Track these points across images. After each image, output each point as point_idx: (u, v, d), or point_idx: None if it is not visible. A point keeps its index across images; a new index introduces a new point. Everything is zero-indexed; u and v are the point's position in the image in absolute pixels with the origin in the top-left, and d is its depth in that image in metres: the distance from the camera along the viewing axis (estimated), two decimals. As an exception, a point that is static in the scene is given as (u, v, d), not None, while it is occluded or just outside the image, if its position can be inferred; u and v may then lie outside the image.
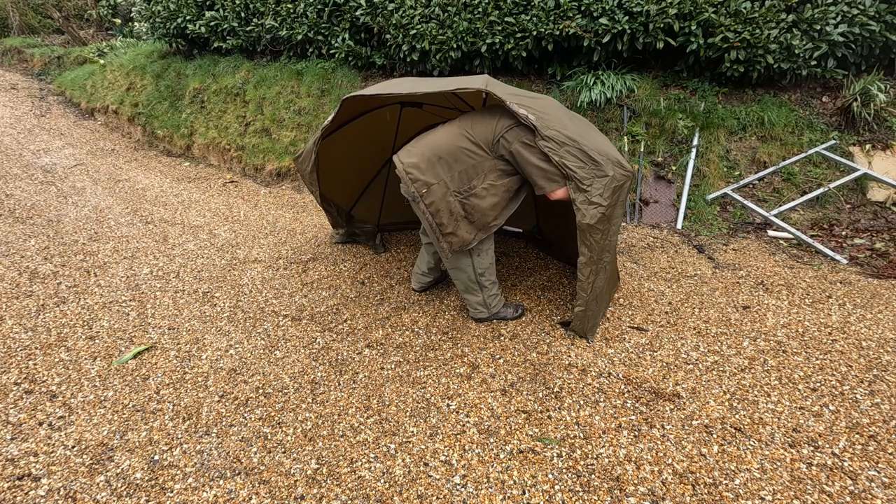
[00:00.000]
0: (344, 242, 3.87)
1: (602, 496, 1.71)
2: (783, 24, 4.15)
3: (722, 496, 1.70)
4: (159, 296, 3.06)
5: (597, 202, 2.28)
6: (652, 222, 4.19)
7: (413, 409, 2.14)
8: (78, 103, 7.83)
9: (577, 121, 2.55)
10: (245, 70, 6.35)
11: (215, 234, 4.04)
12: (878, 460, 1.83)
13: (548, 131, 2.28)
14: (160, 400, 2.19)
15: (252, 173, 5.69)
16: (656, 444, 1.92)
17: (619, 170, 2.32)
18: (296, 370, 2.39)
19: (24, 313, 2.82)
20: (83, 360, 2.44)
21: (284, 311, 2.91)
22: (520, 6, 4.77)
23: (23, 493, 1.72)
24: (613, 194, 2.31)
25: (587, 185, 2.28)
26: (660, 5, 4.27)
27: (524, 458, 1.88)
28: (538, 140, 2.29)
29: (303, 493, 1.74)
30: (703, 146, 4.48)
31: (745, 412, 2.08)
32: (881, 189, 4.05)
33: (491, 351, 2.53)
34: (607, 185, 2.28)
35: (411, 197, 2.42)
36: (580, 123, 2.55)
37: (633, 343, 2.57)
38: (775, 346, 2.52)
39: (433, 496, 1.72)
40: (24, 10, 10.44)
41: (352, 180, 3.72)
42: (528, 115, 2.29)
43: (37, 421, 2.05)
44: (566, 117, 2.44)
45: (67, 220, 4.18)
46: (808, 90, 4.68)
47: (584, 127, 2.54)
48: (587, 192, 2.29)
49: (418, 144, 2.49)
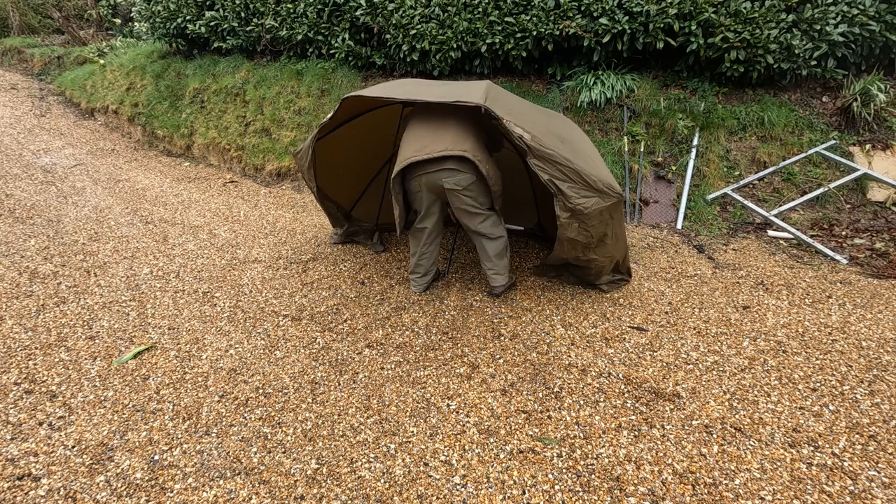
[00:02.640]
0: (343, 243, 3.85)
1: (602, 496, 1.71)
2: (783, 24, 4.15)
3: (722, 496, 1.70)
4: (159, 296, 3.06)
5: (580, 219, 2.48)
6: (652, 222, 4.19)
7: (413, 409, 2.14)
8: (78, 103, 7.83)
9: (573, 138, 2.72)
10: (245, 70, 6.35)
11: (215, 234, 4.04)
12: (878, 460, 1.83)
13: (540, 151, 2.39)
14: (160, 400, 2.19)
15: (252, 173, 5.69)
16: (656, 444, 1.92)
17: (609, 192, 2.48)
18: (296, 370, 2.39)
19: (24, 313, 2.82)
20: (83, 360, 2.44)
21: (284, 311, 2.91)
22: (520, 6, 4.77)
23: (23, 493, 1.72)
24: (601, 214, 2.49)
25: (573, 204, 2.43)
26: (660, 5, 4.27)
27: (524, 458, 1.88)
28: (530, 159, 2.42)
29: (303, 493, 1.73)
30: (703, 146, 4.48)
31: (745, 412, 2.08)
32: (881, 189, 4.05)
33: (491, 351, 2.52)
34: (595, 203, 2.45)
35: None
36: (577, 142, 2.72)
37: (633, 343, 2.57)
38: (775, 346, 2.52)
39: (433, 496, 1.72)
40: (24, 10, 10.43)
41: (352, 180, 3.70)
42: (524, 135, 2.38)
43: (37, 421, 2.05)
44: (560, 138, 2.59)
45: (67, 220, 4.18)
46: (808, 90, 4.68)
47: (580, 145, 2.70)
48: (572, 209, 2.45)
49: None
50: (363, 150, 3.54)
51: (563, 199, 2.43)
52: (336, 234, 3.84)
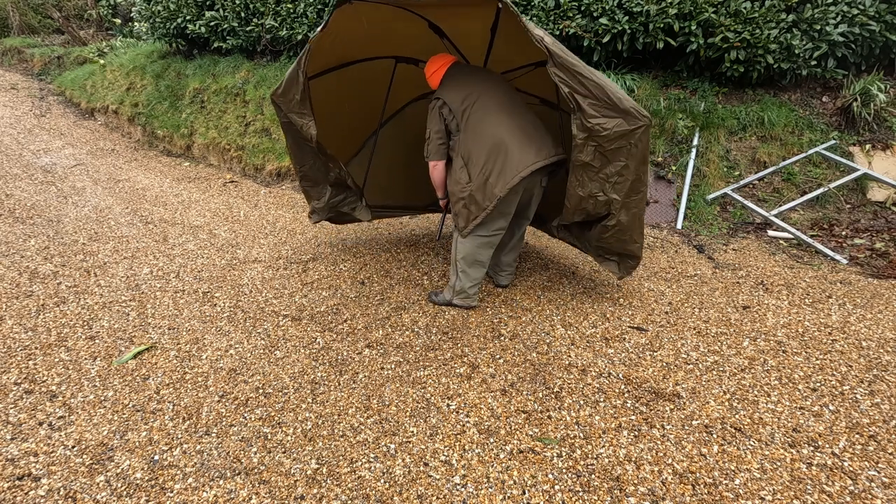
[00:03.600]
0: (328, 218, 3.46)
1: (602, 496, 1.71)
2: (783, 24, 4.15)
3: (722, 496, 1.70)
4: (159, 296, 3.06)
5: (597, 141, 2.20)
6: (652, 222, 4.19)
7: (413, 409, 2.14)
8: (78, 103, 7.83)
9: None
10: (245, 70, 6.35)
11: (215, 234, 4.04)
12: (878, 460, 1.83)
13: (561, 58, 2.13)
14: (160, 400, 2.19)
15: (252, 173, 5.69)
16: (656, 444, 1.92)
17: (635, 113, 2.18)
18: (296, 370, 2.39)
19: (24, 313, 2.82)
20: (83, 360, 2.44)
21: (284, 311, 2.91)
22: (520, 6, 4.77)
23: (23, 493, 1.72)
24: (621, 138, 2.20)
25: (591, 123, 2.17)
26: (660, 5, 4.27)
27: (524, 458, 1.88)
28: (550, 67, 2.16)
29: (303, 493, 1.73)
30: (703, 146, 4.48)
31: (745, 412, 2.08)
32: (881, 189, 4.05)
33: (491, 351, 2.52)
34: (617, 125, 2.17)
35: None
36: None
37: (633, 343, 2.57)
38: (775, 346, 2.52)
39: (433, 496, 1.72)
40: (24, 10, 10.44)
41: (343, 138, 3.38)
42: (544, 38, 2.16)
43: (37, 421, 2.05)
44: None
45: (67, 220, 4.18)
46: (808, 90, 4.68)
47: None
48: (590, 129, 2.18)
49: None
50: (355, 105, 3.21)
51: (582, 116, 2.17)
52: (317, 209, 3.34)
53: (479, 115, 2.50)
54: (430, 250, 3.75)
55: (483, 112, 2.51)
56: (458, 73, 2.66)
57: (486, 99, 2.54)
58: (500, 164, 2.44)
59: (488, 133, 2.48)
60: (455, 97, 2.54)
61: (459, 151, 2.56)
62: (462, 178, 2.53)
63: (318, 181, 3.25)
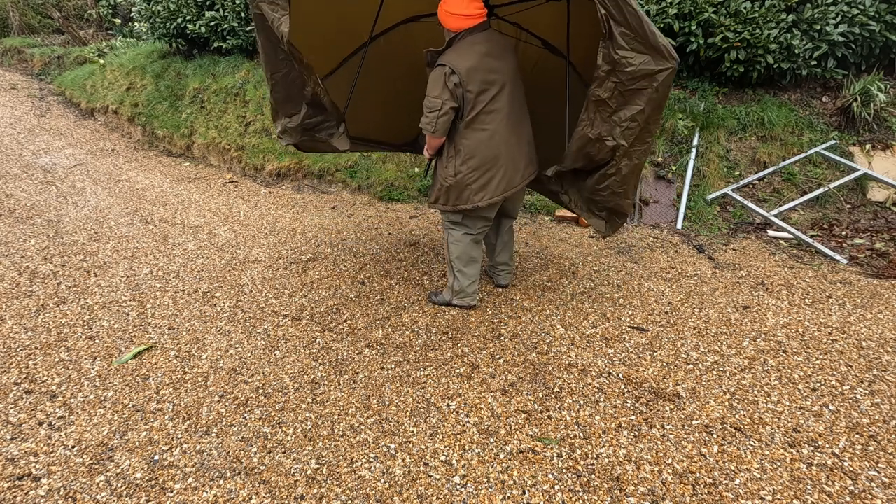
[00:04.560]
0: (297, 143, 2.93)
1: (602, 496, 1.71)
2: (783, 24, 4.15)
3: (722, 496, 1.70)
4: (159, 296, 3.06)
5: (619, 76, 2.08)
6: (652, 222, 4.19)
7: (413, 409, 2.14)
8: (78, 103, 7.83)
9: None
10: (245, 70, 6.35)
11: (215, 234, 4.04)
12: (878, 460, 1.83)
13: None
14: (160, 400, 2.19)
15: (252, 173, 5.69)
16: (656, 444, 1.92)
17: (665, 52, 2.04)
18: (296, 370, 2.39)
19: (24, 313, 2.82)
20: (83, 360, 2.44)
21: (284, 311, 2.91)
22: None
23: (23, 493, 1.72)
24: (644, 79, 2.09)
25: (619, 56, 2.04)
26: (660, 5, 4.28)
27: (524, 458, 1.88)
28: None
29: (303, 493, 1.73)
30: (703, 146, 4.48)
31: (745, 412, 2.08)
32: (881, 189, 4.05)
33: (491, 351, 2.53)
34: (644, 63, 2.04)
35: None
36: None
37: (633, 343, 2.57)
38: (775, 346, 2.52)
39: (433, 496, 1.72)
40: (24, 10, 10.44)
41: (326, 46, 2.97)
42: None
43: (37, 421, 2.05)
44: None
45: (67, 220, 4.18)
46: (808, 90, 4.69)
47: None
48: (616, 61, 2.05)
49: None
50: (344, 4, 2.81)
51: (611, 45, 2.04)
52: (289, 129, 2.79)
53: (490, 116, 2.38)
54: (430, 250, 3.75)
55: (494, 114, 2.39)
56: (483, 44, 2.33)
57: (502, 98, 2.39)
58: (487, 178, 2.44)
59: (489, 143, 2.41)
60: (473, 78, 2.28)
61: (454, 140, 2.45)
62: (449, 169, 2.47)
63: (291, 95, 2.74)
